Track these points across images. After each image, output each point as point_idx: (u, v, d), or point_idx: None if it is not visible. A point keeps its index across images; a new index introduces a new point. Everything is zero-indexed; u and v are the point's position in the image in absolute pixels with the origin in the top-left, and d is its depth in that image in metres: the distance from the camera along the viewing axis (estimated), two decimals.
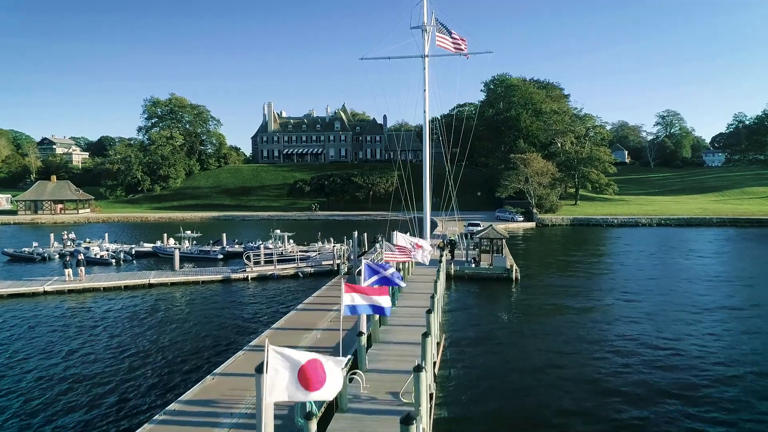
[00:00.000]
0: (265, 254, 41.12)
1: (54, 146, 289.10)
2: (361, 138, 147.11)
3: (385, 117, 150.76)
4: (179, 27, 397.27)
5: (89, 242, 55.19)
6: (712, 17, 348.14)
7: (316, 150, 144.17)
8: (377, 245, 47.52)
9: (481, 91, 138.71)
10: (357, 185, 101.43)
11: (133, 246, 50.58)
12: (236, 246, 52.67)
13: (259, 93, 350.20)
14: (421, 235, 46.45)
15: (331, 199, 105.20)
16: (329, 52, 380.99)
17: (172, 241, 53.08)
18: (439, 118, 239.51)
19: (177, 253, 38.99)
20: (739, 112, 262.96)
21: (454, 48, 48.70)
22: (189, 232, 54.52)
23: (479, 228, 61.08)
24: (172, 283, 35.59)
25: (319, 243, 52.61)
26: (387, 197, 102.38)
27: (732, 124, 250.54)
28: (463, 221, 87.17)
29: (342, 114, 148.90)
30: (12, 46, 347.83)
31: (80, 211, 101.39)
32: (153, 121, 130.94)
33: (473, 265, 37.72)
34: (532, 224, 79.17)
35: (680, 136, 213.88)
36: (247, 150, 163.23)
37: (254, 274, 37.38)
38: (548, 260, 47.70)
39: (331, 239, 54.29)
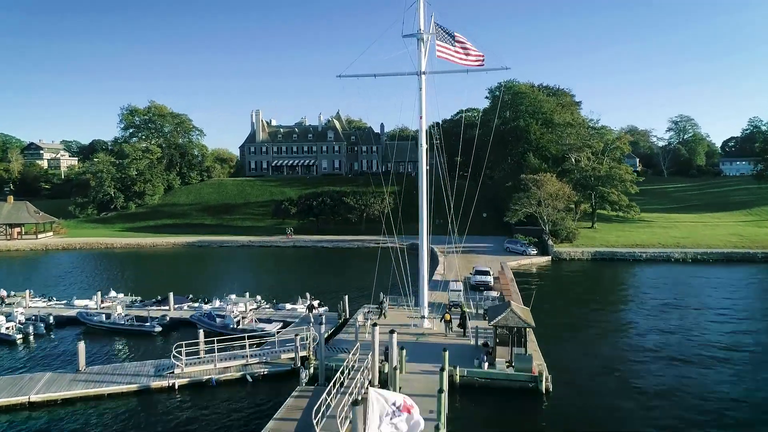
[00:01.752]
0: (211, 329, 31.02)
1: (41, 151, 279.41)
2: (356, 148, 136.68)
3: (381, 126, 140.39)
4: (178, 27, 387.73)
5: (11, 297, 44.93)
6: (713, 17, 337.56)
7: (307, 161, 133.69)
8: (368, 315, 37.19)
9: (486, 98, 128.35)
10: (348, 206, 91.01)
11: (51, 313, 40.10)
12: (186, 306, 42.39)
13: (256, 95, 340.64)
14: (417, 281, 36.27)
15: (321, 218, 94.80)
16: (329, 52, 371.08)
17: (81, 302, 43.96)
18: (440, 122, 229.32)
19: (82, 349, 28.48)
20: (754, 116, 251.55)
21: (461, 60, 38.41)
22: (122, 295, 44.71)
23: (488, 280, 50.55)
24: (65, 401, 25.23)
25: (290, 306, 42.27)
26: (383, 215, 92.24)
27: (747, 130, 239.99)
28: (466, 251, 76.99)
29: (335, 122, 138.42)
30: (8, 46, 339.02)
31: (40, 236, 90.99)
32: (130, 131, 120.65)
33: (485, 364, 27.32)
34: (547, 259, 68.74)
35: (694, 143, 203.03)
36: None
37: (184, 381, 27.03)
38: (578, 326, 37.14)
39: (307, 296, 44.06)
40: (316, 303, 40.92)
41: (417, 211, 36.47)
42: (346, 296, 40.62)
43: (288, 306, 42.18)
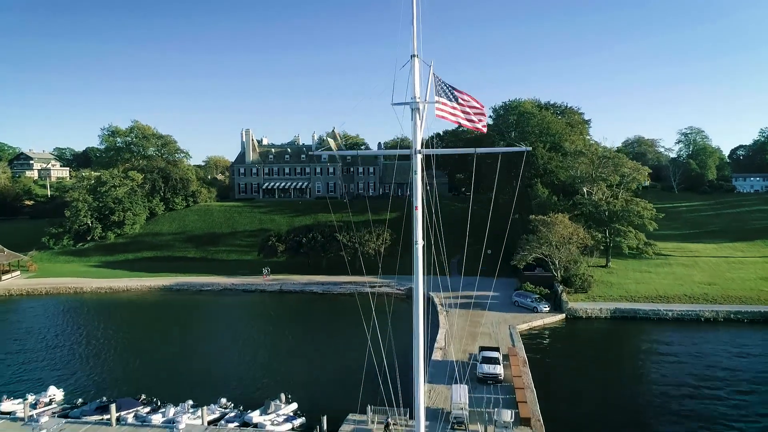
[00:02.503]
0: None
1: (31, 161, 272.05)
2: (352, 169, 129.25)
3: (379, 144, 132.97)
4: (178, 27, 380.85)
5: None
6: (714, 19, 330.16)
7: (300, 184, 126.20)
8: None
9: (490, 116, 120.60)
10: (341, 244, 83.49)
11: None
12: (132, 417, 34.98)
13: (255, 97, 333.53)
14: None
15: (311, 254, 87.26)
16: (331, 51, 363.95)
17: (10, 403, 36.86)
18: (441, 133, 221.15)
19: None
20: (766, 126, 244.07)
21: (465, 122, 31.03)
22: (60, 392, 37.75)
23: (497, 372, 42.56)
24: None
25: (259, 417, 34.80)
26: (379, 256, 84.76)
27: (758, 140, 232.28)
28: (468, 300, 69.45)
29: (330, 141, 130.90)
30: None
31: (5, 277, 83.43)
32: (111, 154, 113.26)
33: None
34: (560, 317, 61.18)
35: (704, 156, 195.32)
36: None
37: None
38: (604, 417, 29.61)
39: (282, 397, 36.72)
40: (291, 410, 33.90)
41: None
42: (325, 417, 32.87)
43: (256, 416, 34.74)
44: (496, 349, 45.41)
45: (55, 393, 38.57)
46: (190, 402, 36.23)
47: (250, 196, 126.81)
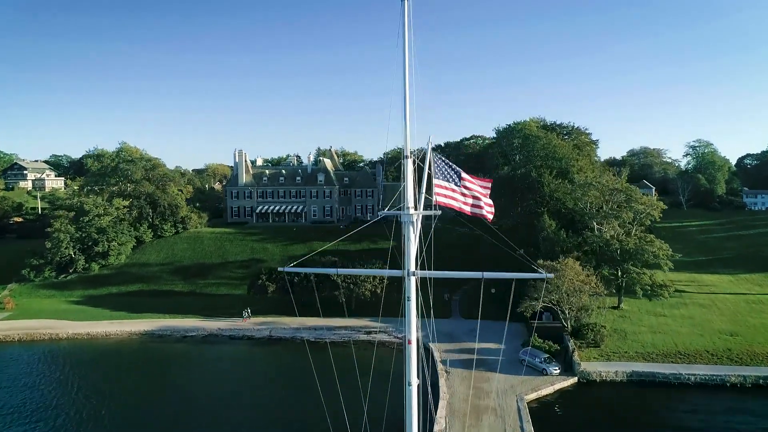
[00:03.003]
0: None
1: (25, 172, 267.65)
2: (349, 192, 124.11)
3: (378, 166, 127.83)
4: (179, 27, 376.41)
5: None
6: (713, 19, 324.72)
7: (295, 208, 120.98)
8: None
9: (492, 140, 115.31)
10: (335, 284, 78.33)
11: None
12: None
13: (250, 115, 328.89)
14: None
15: (304, 293, 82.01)
16: (330, 51, 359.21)
17: None
18: (443, 144, 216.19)
19: None
20: None
21: (468, 209, 26.38)
22: None
23: None
24: None
25: None
26: (376, 299, 79.64)
27: (767, 151, 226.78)
28: (470, 354, 64.21)
29: (327, 163, 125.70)
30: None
31: None
32: (96, 178, 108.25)
33: None
34: (572, 381, 55.85)
35: (713, 170, 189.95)
36: None
37: None
38: None
39: None
40: None
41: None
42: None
43: None
44: None
45: None
46: None
47: (243, 219, 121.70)
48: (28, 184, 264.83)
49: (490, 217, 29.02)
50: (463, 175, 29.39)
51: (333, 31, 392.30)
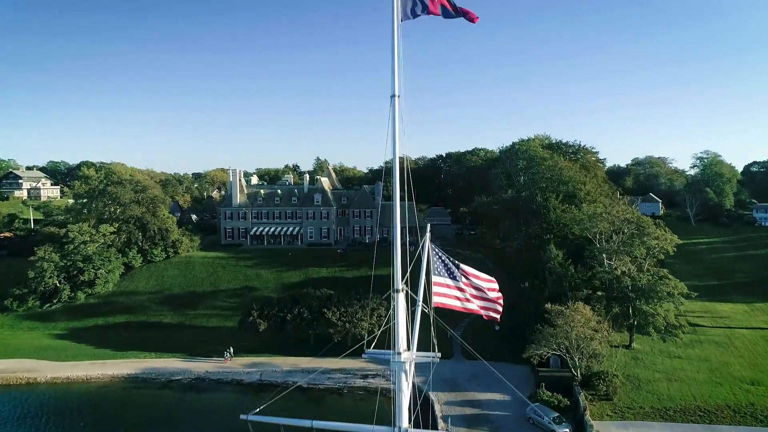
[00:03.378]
0: None
1: (20, 181, 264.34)
2: (347, 212, 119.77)
3: (377, 185, 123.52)
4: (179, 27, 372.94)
5: None
6: (711, 20, 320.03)
7: (291, 229, 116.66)
8: None
9: (495, 154, 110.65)
10: (329, 321, 74.04)
11: None
12: None
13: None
14: None
15: (297, 331, 77.68)
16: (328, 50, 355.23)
17: None
18: (444, 155, 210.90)
19: None
20: None
21: (471, 308, 23.48)
22: None
23: None
24: None
25: None
26: (374, 337, 75.39)
27: None
28: (471, 405, 59.91)
29: (324, 182, 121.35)
30: None
31: None
32: (83, 201, 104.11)
33: None
34: None
35: (721, 182, 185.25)
36: None
37: None
38: None
39: None
40: None
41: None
42: None
43: None
44: None
45: None
46: None
47: (237, 241, 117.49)
48: (24, 194, 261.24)
49: (497, 317, 25.25)
50: (464, 267, 25.24)
51: (332, 31, 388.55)
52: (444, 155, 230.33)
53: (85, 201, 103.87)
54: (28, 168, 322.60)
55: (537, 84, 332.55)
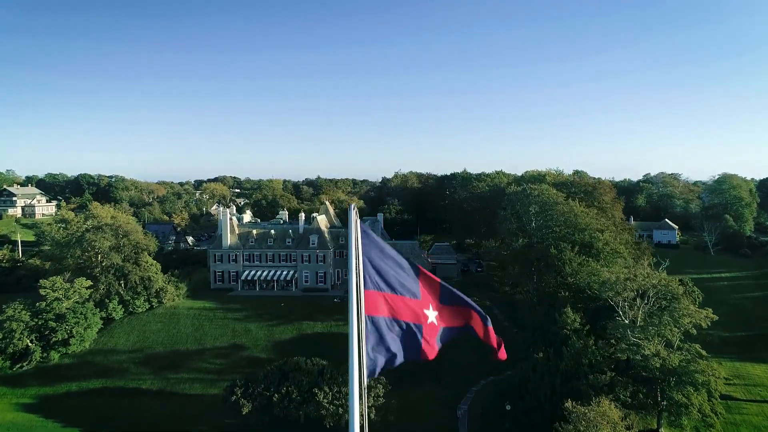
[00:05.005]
0: None
1: (14, 198, 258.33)
2: (345, 253, 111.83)
3: (377, 224, 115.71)
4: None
5: None
6: (709, 22, 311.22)
7: (285, 274, 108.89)
8: None
9: (503, 208, 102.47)
10: (320, 404, 66.17)
11: None
12: None
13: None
14: None
15: (285, 413, 69.86)
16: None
17: None
18: (449, 175, 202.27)
19: None
20: None
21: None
22: None
23: None
24: None
25: None
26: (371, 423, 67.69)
27: None
28: None
29: (320, 221, 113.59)
30: None
31: None
32: (59, 249, 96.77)
33: None
34: None
35: (740, 206, 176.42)
36: None
37: None
38: None
39: None
40: None
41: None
42: None
43: None
44: None
45: None
46: None
47: (227, 285, 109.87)
48: (18, 211, 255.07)
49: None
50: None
51: (335, 31, 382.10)
52: (449, 175, 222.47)
53: (61, 248, 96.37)
54: (23, 185, 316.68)
55: (537, 84, 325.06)
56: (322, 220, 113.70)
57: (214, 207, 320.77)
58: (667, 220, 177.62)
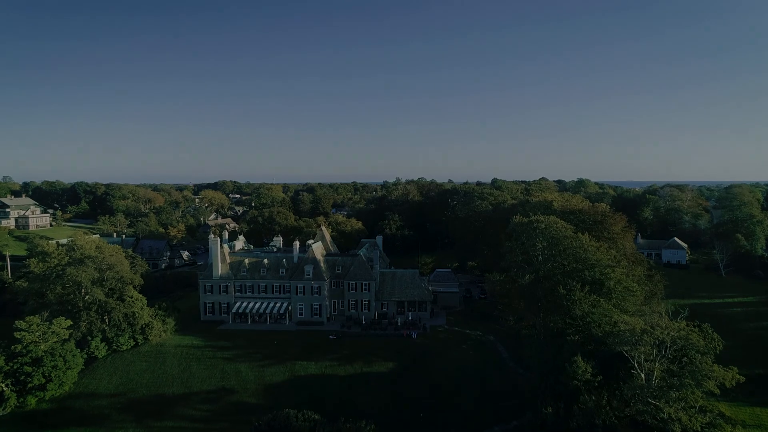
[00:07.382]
0: None
1: (7, 209, 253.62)
2: (342, 284, 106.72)
3: (375, 252, 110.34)
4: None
5: None
6: (707, 20, 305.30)
7: (278, 306, 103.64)
8: None
9: (508, 238, 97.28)
10: None
11: None
12: None
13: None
14: None
15: None
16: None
17: None
18: (450, 189, 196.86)
19: None
20: None
21: None
22: None
23: None
24: None
25: None
26: None
27: None
28: None
29: (315, 249, 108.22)
30: None
31: None
32: (39, 284, 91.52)
33: None
34: None
35: (751, 224, 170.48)
36: None
37: None
38: None
39: None
40: None
41: None
42: None
43: None
44: None
45: None
46: None
47: (218, 317, 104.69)
48: (11, 223, 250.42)
49: None
50: None
51: (341, 33, 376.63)
52: (450, 189, 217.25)
53: (40, 283, 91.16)
54: (20, 192, 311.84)
55: (537, 84, 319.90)
56: (317, 248, 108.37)
57: (212, 217, 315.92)
58: (676, 238, 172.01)
